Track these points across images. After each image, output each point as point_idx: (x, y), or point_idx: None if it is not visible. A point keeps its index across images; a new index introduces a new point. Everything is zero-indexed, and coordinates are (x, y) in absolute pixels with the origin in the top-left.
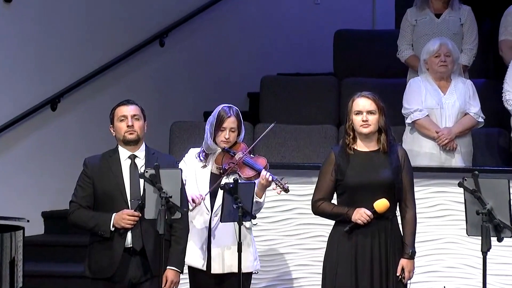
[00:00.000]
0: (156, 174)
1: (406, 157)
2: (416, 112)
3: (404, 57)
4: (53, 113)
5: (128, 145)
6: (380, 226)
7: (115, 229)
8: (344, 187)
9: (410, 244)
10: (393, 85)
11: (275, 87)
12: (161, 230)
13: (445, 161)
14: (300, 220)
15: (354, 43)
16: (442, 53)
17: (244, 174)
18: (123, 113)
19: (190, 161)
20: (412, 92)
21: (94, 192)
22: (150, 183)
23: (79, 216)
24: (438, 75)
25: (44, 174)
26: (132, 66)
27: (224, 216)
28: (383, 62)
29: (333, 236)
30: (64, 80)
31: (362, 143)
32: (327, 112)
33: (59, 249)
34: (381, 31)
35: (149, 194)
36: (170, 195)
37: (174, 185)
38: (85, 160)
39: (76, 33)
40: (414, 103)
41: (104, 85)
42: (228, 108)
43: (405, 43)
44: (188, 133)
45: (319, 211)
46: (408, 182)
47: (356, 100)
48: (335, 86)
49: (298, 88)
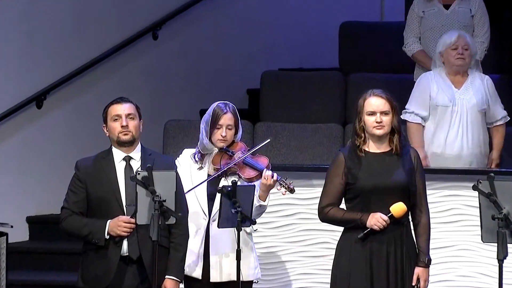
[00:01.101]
0: (149, 176)
1: (419, 159)
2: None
3: (411, 52)
4: (38, 111)
5: (123, 146)
6: (395, 232)
7: (110, 237)
8: (356, 191)
9: (425, 252)
10: (403, 80)
11: (277, 83)
12: (154, 236)
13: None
14: (304, 226)
15: (361, 36)
16: (459, 45)
17: (245, 174)
18: (117, 112)
19: (184, 162)
20: (418, 90)
21: (87, 197)
22: (143, 186)
23: (71, 223)
24: (454, 68)
25: (29, 176)
26: (123, 60)
27: (222, 222)
28: (392, 56)
29: (344, 244)
30: (50, 76)
31: (373, 144)
32: (332, 110)
33: (45, 257)
34: (390, 23)
35: (141, 197)
36: (164, 199)
37: (168, 188)
38: (77, 162)
39: (63, 25)
40: (414, 103)
41: (93, 81)
42: (224, 104)
43: (412, 36)
44: (183, 132)
45: (328, 218)
46: (422, 185)
47: (368, 99)
48: (340, 82)
49: (301, 84)
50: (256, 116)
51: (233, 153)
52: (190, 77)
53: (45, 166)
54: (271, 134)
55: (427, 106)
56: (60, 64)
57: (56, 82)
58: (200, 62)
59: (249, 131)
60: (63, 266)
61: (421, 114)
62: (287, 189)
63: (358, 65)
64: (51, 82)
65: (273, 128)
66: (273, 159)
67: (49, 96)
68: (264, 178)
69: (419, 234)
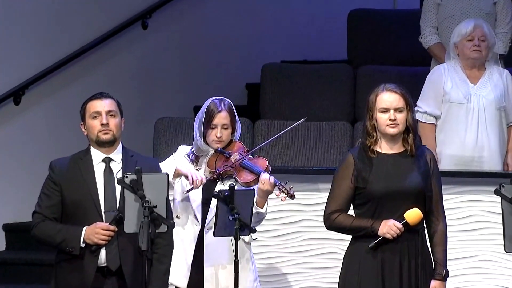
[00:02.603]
0: (138, 180)
1: (434, 161)
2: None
3: (428, 44)
4: (16, 108)
5: (102, 146)
6: (409, 241)
7: (86, 246)
8: (367, 196)
9: (442, 263)
10: (417, 74)
11: (279, 77)
12: (144, 246)
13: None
14: (309, 235)
15: (371, 25)
16: (476, 36)
17: (242, 178)
18: (96, 109)
19: (180, 159)
20: (431, 85)
21: (62, 201)
22: (131, 191)
23: (43, 230)
24: (470, 62)
25: (5, 179)
26: (109, 52)
27: (218, 230)
28: (406, 48)
29: (353, 254)
30: (29, 69)
31: (386, 144)
32: (340, 106)
33: (23, 268)
34: (403, 11)
35: (129, 203)
36: (155, 205)
37: (159, 192)
38: (51, 163)
39: (43, 14)
40: (426, 101)
41: (76, 75)
42: (219, 101)
43: (429, 26)
44: (176, 131)
45: (336, 225)
46: (438, 190)
47: (381, 95)
48: (349, 75)
49: (306, 78)
50: (255, 113)
51: (230, 155)
52: (183, 71)
53: (24, 169)
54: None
55: (440, 104)
56: (40, 56)
57: (36, 76)
58: (194, 54)
59: (248, 130)
60: (42, 278)
61: (434, 113)
62: (287, 194)
63: (368, 57)
64: (30, 75)
65: (275, 126)
66: (274, 161)
67: (28, 91)
68: (261, 182)
69: (435, 243)
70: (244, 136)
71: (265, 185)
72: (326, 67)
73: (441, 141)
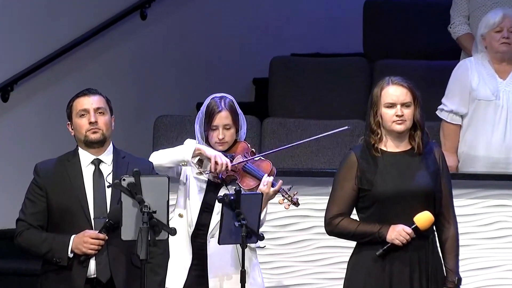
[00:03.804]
0: (136, 183)
1: (444, 159)
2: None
3: (457, 34)
4: (4, 105)
5: (91, 147)
6: (420, 249)
7: (74, 256)
8: (372, 199)
9: (454, 270)
10: (440, 68)
11: (289, 71)
12: (143, 255)
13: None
14: (321, 242)
15: (389, 15)
16: (505, 27)
17: (245, 184)
18: (83, 106)
19: None
20: (456, 81)
21: (48, 207)
22: (129, 195)
23: (28, 239)
24: (499, 55)
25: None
26: (105, 45)
27: (224, 237)
28: (427, 40)
29: (357, 263)
30: (18, 63)
31: (392, 142)
32: (355, 104)
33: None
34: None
35: (127, 208)
36: (154, 210)
37: (159, 196)
38: (36, 166)
39: (33, 4)
40: (452, 98)
41: (69, 69)
42: (220, 99)
43: (459, 14)
44: (177, 130)
45: (338, 231)
46: (448, 190)
47: (386, 88)
48: (365, 70)
49: (318, 73)
50: (264, 110)
51: (233, 157)
52: (185, 64)
53: (12, 171)
54: (282, 132)
55: (466, 102)
56: (30, 49)
57: (26, 70)
58: (197, 46)
59: (256, 129)
60: None
61: (460, 112)
62: (290, 201)
63: (386, 50)
64: (20, 70)
65: (284, 125)
66: (283, 163)
67: (17, 87)
68: (263, 185)
69: (447, 250)
70: (251, 136)
71: (268, 188)
72: (340, 60)
73: (466, 141)
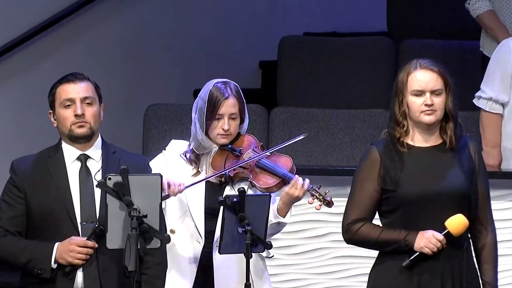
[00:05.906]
0: (124, 183)
1: (480, 155)
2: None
3: (476, 11)
4: None
5: (77, 142)
6: (453, 258)
7: (59, 266)
8: (397, 202)
9: (492, 283)
10: (476, 50)
11: (301, 53)
12: (132, 266)
13: None
14: (338, 251)
15: None
16: None
17: (262, 183)
18: (68, 96)
19: (173, 159)
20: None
21: (27, 211)
22: (115, 196)
23: (4, 247)
24: None
25: None
26: (88, 22)
27: (225, 245)
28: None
29: (380, 275)
30: None
31: (420, 136)
32: (378, 90)
33: None
34: None
35: (113, 212)
36: (145, 214)
37: (150, 198)
38: (13, 163)
39: None
40: (491, 84)
41: (47, 50)
42: (223, 85)
43: None
44: (171, 121)
45: (358, 238)
46: (485, 192)
47: (414, 73)
48: (389, 51)
49: (335, 55)
50: (272, 98)
51: (241, 152)
52: (181, 46)
53: None
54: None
55: (508, 88)
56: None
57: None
58: (195, 25)
59: (262, 120)
60: None
61: (501, 100)
62: (323, 201)
63: (413, 28)
64: None
65: (296, 115)
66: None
67: None
68: (293, 187)
69: (484, 260)
70: (257, 127)
71: (298, 189)
72: (361, 40)
73: (507, 134)
